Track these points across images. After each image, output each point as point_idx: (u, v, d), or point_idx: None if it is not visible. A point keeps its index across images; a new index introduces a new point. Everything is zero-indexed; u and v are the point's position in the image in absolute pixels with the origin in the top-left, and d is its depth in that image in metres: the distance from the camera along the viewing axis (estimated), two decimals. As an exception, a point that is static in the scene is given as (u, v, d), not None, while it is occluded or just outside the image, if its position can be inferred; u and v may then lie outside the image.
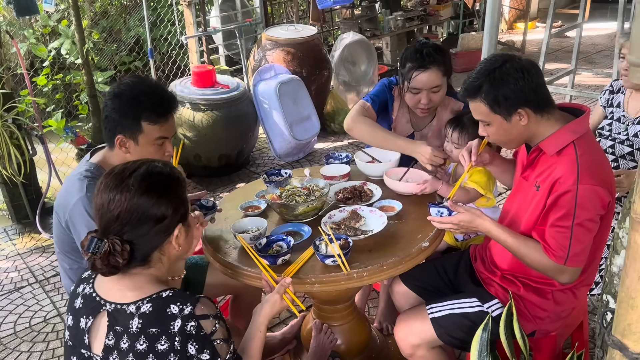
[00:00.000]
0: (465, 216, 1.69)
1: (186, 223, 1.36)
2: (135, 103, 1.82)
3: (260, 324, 1.49)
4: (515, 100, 1.58)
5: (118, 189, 1.26)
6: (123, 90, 1.85)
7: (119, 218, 1.25)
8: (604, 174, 1.59)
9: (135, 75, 1.69)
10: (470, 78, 1.67)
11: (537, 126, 1.63)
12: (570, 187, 1.54)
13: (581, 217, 1.54)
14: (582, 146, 1.59)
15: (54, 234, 1.99)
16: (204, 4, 5.19)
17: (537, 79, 1.59)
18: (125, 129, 1.84)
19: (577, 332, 2.02)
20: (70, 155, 4.49)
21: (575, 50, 4.55)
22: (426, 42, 2.24)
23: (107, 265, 1.24)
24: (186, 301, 1.25)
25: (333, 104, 5.18)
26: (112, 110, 1.84)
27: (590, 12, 7.44)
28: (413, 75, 2.18)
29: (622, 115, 2.41)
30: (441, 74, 2.20)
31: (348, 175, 2.24)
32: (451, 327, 1.78)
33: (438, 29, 7.93)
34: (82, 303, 1.33)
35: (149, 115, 1.83)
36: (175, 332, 1.22)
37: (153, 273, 1.32)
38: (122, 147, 1.86)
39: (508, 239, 1.66)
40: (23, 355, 2.70)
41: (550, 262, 1.59)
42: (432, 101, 2.24)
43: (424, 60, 2.17)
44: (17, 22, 5.12)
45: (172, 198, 1.31)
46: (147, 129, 1.84)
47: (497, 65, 1.60)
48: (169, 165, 1.37)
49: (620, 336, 1.04)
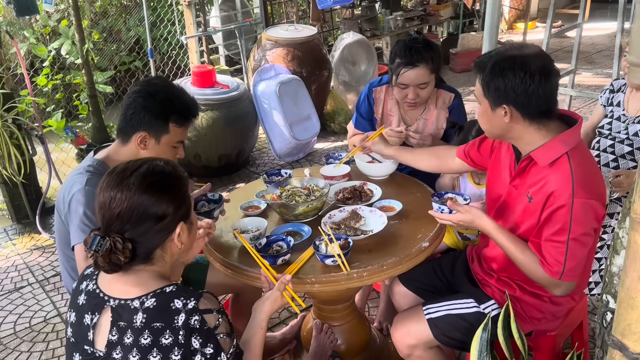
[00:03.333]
0: (466, 216, 1.69)
1: (188, 221, 1.37)
2: (169, 104, 1.88)
3: (261, 320, 1.50)
4: (503, 95, 1.55)
5: (119, 187, 1.27)
6: (157, 90, 1.89)
7: (119, 216, 1.26)
8: (597, 186, 1.57)
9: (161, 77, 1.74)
10: (488, 53, 1.65)
11: (523, 130, 1.60)
12: (566, 202, 1.52)
13: (576, 232, 1.53)
14: (576, 158, 1.56)
15: (55, 230, 1.99)
16: (204, 4, 5.19)
17: (538, 88, 1.52)
18: (151, 127, 1.87)
19: (577, 332, 2.02)
20: (70, 155, 4.49)
21: (575, 50, 4.55)
22: (416, 37, 2.27)
23: (109, 263, 1.25)
24: (190, 296, 1.26)
25: (333, 104, 5.18)
26: (142, 108, 1.86)
27: (590, 12, 7.44)
28: (401, 71, 2.23)
29: (622, 114, 2.41)
30: (429, 71, 2.24)
31: (348, 175, 2.25)
32: (447, 328, 1.77)
33: (438, 29, 7.93)
34: (86, 299, 1.33)
35: (178, 118, 1.89)
36: (179, 326, 1.23)
37: (156, 270, 1.33)
38: (141, 144, 1.88)
39: (507, 243, 1.65)
40: (23, 355, 2.70)
41: (545, 276, 1.58)
42: (420, 96, 2.30)
43: (412, 57, 2.20)
44: (17, 22, 5.11)
45: (173, 196, 1.31)
46: (172, 131, 1.90)
47: (511, 54, 1.57)
48: (170, 163, 1.37)
49: (620, 336, 1.04)
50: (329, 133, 5.17)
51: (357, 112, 2.55)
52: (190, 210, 1.38)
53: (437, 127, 2.41)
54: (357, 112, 2.55)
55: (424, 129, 2.42)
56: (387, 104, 2.48)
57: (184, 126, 1.93)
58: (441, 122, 2.42)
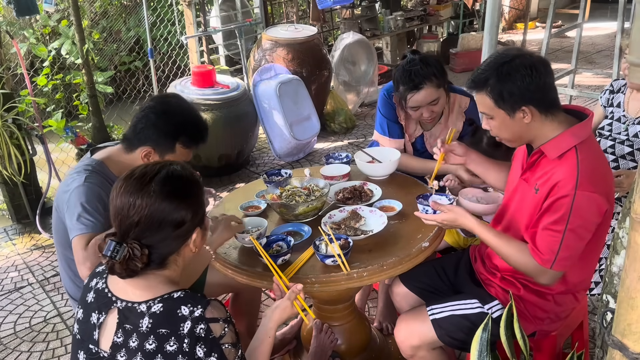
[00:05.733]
0: (449, 215, 1.72)
1: (203, 226, 1.37)
2: (179, 126, 1.88)
3: (270, 329, 1.48)
4: (519, 97, 1.57)
5: (139, 193, 1.25)
6: (170, 110, 1.90)
7: (139, 224, 1.24)
8: (604, 181, 1.57)
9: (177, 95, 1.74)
10: (478, 70, 1.65)
11: (540, 126, 1.62)
12: (569, 192, 1.52)
13: (575, 223, 1.53)
14: (584, 151, 1.57)
15: (54, 230, 1.99)
16: (204, 4, 5.19)
17: (545, 78, 1.57)
18: (158, 145, 1.88)
19: (577, 332, 2.02)
20: (70, 155, 4.48)
21: (575, 50, 4.55)
22: (413, 58, 2.21)
23: (126, 270, 1.24)
24: (197, 303, 1.25)
25: (333, 104, 5.18)
26: (153, 125, 1.87)
27: (590, 12, 7.45)
28: (408, 97, 2.21)
29: (623, 115, 2.41)
30: (435, 88, 2.20)
31: (348, 175, 2.24)
32: (452, 329, 1.77)
33: (438, 29, 7.92)
34: (94, 297, 1.33)
35: (186, 140, 1.90)
36: (185, 334, 1.22)
37: (166, 274, 1.32)
38: (145, 158, 1.89)
39: (491, 237, 1.68)
40: (23, 355, 2.70)
41: (534, 263, 1.59)
42: (434, 112, 2.27)
43: (413, 81, 2.18)
44: (17, 22, 5.12)
45: (191, 202, 1.31)
46: (179, 151, 1.90)
47: (507, 59, 1.58)
48: (187, 168, 1.36)
49: (620, 336, 1.04)
50: (329, 133, 5.17)
51: (383, 119, 2.43)
52: (205, 216, 1.38)
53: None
54: (383, 118, 2.43)
55: (440, 133, 2.41)
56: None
57: (190, 148, 1.93)
58: (458, 126, 2.39)
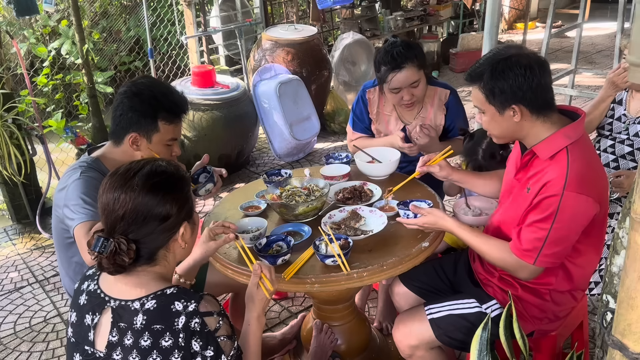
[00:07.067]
0: (429, 218, 1.74)
1: (191, 221, 1.38)
2: (155, 102, 1.87)
3: (249, 318, 1.47)
4: (510, 96, 1.57)
5: (123, 188, 1.27)
6: (142, 90, 1.89)
7: (124, 218, 1.26)
8: (594, 183, 1.57)
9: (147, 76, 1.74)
10: (476, 63, 1.67)
11: (531, 126, 1.62)
12: (557, 192, 1.53)
13: (560, 223, 1.54)
14: (575, 152, 1.57)
15: (53, 229, 1.99)
16: (204, 4, 5.19)
17: (540, 79, 1.57)
18: (141, 127, 1.87)
19: (577, 332, 2.02)
20: (70, 155, 4.48)
21: (575, 50, 4.55)
22: (394, 41, 2.28)
23: (114, 265, 1.26)
24: (190, 298, 1.26)
25: (333, 104, 5.18)
26: (129, 108, 1.87)
27: (590, 12, 7.44)
28: (389, 77, 2.24)
29: (623, 114, 2.41)
30: (416, 69, 2.25)
31: (348, 175, 2.24)
32: (450, 328, 1.78)
33: (438, 29, 7.92)
34: (87, 300, 1.34)
35: (166, 115, 1.89)
36: (180, 329, 1.23)
37: (158, 271, 1.34)
38: (134, 145, 1.89)
39: (470, 236, 1.71)
40: (23, 355, 2.70)
41: (512, 258, 1.62)
42: (415, 95, 2.31)
43: (396, 60, 2.22)
44: (17, 22, 5.11)
45: (176, 196, 1.32)
46: (162, 129, 1.89)
47: (503, 57, 1.59)
48: (173, 164, 1.38)
49: (620, 336, 1.04)
50: (329, 133, 5.17)
51: (352, 114, 2.56)
52: (193, 210, 1.39)
53: (435, 124, 2.42)
54: (352, 114, 2.56)
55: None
56: (382, 105, 2.48)
57: (174, 123, 1.92)
58: (439, 119, 2.42)
